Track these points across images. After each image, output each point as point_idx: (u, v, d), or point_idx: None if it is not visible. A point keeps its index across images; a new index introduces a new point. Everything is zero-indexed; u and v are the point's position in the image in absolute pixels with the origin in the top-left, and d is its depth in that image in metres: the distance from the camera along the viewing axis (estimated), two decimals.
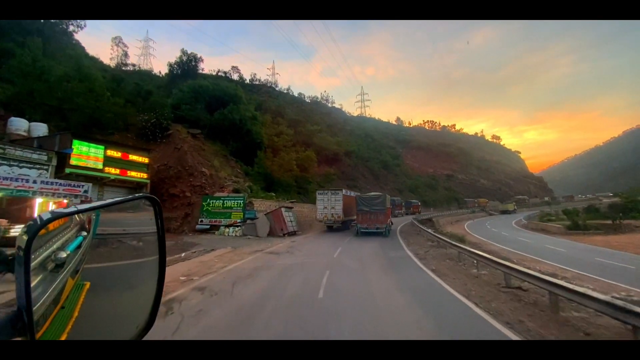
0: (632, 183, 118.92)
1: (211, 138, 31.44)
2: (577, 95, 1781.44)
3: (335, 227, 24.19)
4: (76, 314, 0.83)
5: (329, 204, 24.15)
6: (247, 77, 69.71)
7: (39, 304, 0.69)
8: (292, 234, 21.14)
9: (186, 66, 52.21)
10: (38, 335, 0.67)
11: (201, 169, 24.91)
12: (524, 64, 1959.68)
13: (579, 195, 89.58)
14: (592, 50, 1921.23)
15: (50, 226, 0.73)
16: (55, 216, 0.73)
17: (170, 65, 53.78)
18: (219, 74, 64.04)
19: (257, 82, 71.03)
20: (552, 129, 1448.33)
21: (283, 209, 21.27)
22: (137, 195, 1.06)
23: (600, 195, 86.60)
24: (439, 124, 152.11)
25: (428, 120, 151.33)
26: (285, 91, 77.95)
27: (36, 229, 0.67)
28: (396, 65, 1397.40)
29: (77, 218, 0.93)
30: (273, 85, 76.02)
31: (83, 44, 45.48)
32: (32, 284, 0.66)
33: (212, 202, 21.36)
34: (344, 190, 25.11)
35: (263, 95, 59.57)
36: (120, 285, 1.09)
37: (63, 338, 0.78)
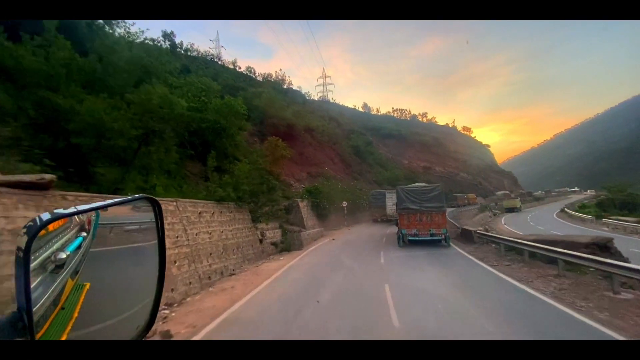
0: (566, 181, 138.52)
1: None
2: (514, 102, 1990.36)
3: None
4: (76, 314, 0.83)
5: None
6: (189, 52, 49.37)
7: (38, 304, 0.69)
8: None
9: None
10: (38, 336, 0.67)
11: None
12: (469, 72, 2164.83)
13: (553, 192, 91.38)
14: (527, 62, 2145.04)
15: (50, 227, 0.73)
16: (55, 217, 0.73)
17: None
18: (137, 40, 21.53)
19: (195, 54, 50.99)
20: (495, 132, 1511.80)
21: None
22: (136, 195, 1.06)
23: (558, 190, 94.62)
24: (409, 111, 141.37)
25: (397, 109, 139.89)
26: (231, 67, 56.69)
27: (36, 230, 0.66)
28: (354, 69, 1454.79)
29: (77, 219, 0.93)
30: (216, 59, 55.75)
31: None
32: (32, 285, 0.66)
33: None
34: None
35: (200, 66, 41.34)
36: (120, 286, 1.10)
37: (63, 339, 0.78)
